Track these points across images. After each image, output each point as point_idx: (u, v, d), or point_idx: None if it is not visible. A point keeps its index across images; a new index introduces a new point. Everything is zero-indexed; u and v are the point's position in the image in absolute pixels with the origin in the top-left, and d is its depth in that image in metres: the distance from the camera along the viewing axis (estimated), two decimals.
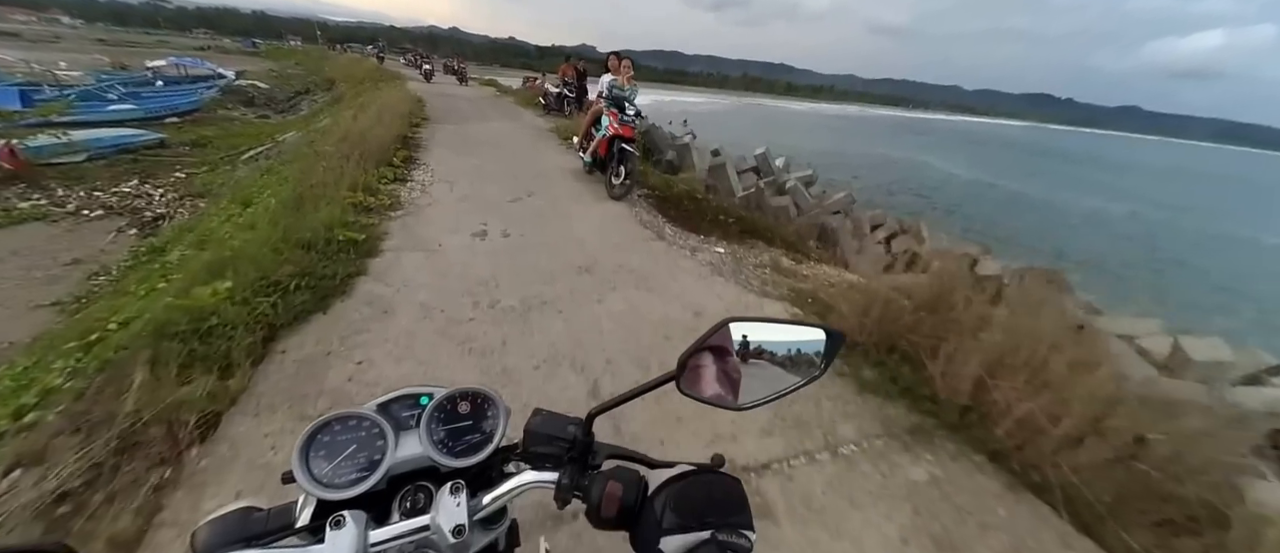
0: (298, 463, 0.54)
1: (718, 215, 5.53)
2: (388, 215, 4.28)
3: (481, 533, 0.56)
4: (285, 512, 0.57)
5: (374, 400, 0.62)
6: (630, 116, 5.63)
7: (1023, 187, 31.91)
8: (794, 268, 4.51)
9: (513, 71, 61.36)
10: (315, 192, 4.26)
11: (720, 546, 0.46)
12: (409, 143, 7.25)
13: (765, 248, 5.06)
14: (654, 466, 0.58)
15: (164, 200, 7.31)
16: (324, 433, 0.57)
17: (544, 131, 10.27)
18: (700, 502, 0.50)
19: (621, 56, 6.23)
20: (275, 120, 17.62)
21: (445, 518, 0.51)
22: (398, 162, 5.89)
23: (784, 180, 12.34)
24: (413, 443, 0.59)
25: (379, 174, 5.22)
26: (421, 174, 5.74)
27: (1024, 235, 16.63)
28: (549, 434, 0.59)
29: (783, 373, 0.58)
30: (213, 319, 2.32)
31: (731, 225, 5.36)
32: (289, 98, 23.20)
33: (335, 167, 4.95)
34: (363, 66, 24.56)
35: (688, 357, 0.56)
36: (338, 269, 3.02)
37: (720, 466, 0.55)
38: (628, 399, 0.56)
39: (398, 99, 9.85)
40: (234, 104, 19.60)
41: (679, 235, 4.83)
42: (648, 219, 5.15)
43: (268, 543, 0.52)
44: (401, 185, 5.21)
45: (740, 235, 5.20)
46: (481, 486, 0.57)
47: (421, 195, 4.96)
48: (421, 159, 6.44)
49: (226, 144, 12.01)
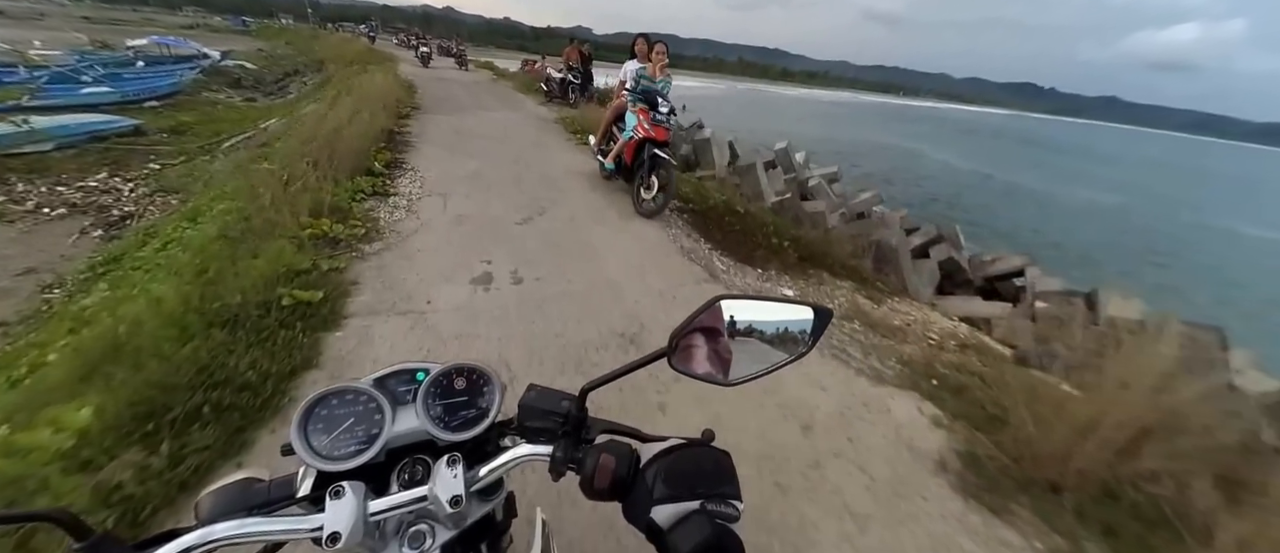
0: (296, 435, 0.54)
1: (769, 236, 4.54)
2: (360, 251, 3.26)
3: (478, 504, 0.58)
4: (287, 483, 0.57)
5: (371, 375, 0.61)
6: (664, 116, 4.59)
7: (1018, 178, 31.92)
8: (881, 316, 3.54)
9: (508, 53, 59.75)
10: (267, 216, 3.26)
11: (709, 514, 0.48)
12: (395, 140, 6.19)
13: (831, 280, 4.10)
14: (646, 439, 0.59)
15: (133, 196, 6.72)
16: (321, 407, 0.57)
17: (549, 123, 9.18)
18: (690, 473, 0.51)
19: (651, 40, 5.16)
20: (262, 104, 16.68)
21: (443, 489, 0.52)
22: (380, 167, 4.84)
23: (806, 178, 11.34)
24: (409, 417, 0.59)
25: (354, 187, 4.18)
26: (408, 184, 4.70)
27: (1039, 235, 16.30)
28: (544, 409, 0.59)
29: (772, 350, 0.59)
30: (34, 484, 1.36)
31: (786, 250, 4.37)
32: (278, 79, 22.23)
33: (299, 177, 3.94)
34: (353, 47, 23.22)
35: (679, 334, 0.56)
36: (273, 365, 2.00)
37: (710, 440, 0.56)
38: (620, 375, 0.56)
39: (385, 86, 8.73)
40: (220, 86, 18.72)
41: (734, 270, 3.84)
42: (690, 246, 4.15)
43: (271, 512, 0.52)
44: (382, 201, 4.17)
45: (800, 265, 4.22)
46: (478, 459, 0.57)
47: (407, 217, 3.93)
48: (409, 162, 5.39)
49: (207, 131, 11.28)
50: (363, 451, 0.56)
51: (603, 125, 5.37)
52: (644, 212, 4.62)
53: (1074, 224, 19.92)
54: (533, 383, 0.63)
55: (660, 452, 0.53)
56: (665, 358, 0.56)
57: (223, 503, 0.53)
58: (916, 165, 30.92)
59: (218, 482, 0.55)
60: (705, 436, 0.56)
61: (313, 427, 0.56)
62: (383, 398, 0.58)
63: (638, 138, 4.58)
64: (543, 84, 12.31)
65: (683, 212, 4.91)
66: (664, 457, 0.53)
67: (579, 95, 11.64)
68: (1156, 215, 24.99)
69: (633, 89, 4.87)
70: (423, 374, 0.62)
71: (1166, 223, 23.01)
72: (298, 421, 0.55)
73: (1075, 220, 20.92)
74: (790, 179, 10.26)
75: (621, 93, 5.41)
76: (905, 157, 34.32)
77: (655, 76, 4.76)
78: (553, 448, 0.56)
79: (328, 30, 42.99)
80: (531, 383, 0.63)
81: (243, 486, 0.55)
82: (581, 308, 2.87)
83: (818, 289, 3.84)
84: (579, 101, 11.54)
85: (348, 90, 9.04)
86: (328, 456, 0.55)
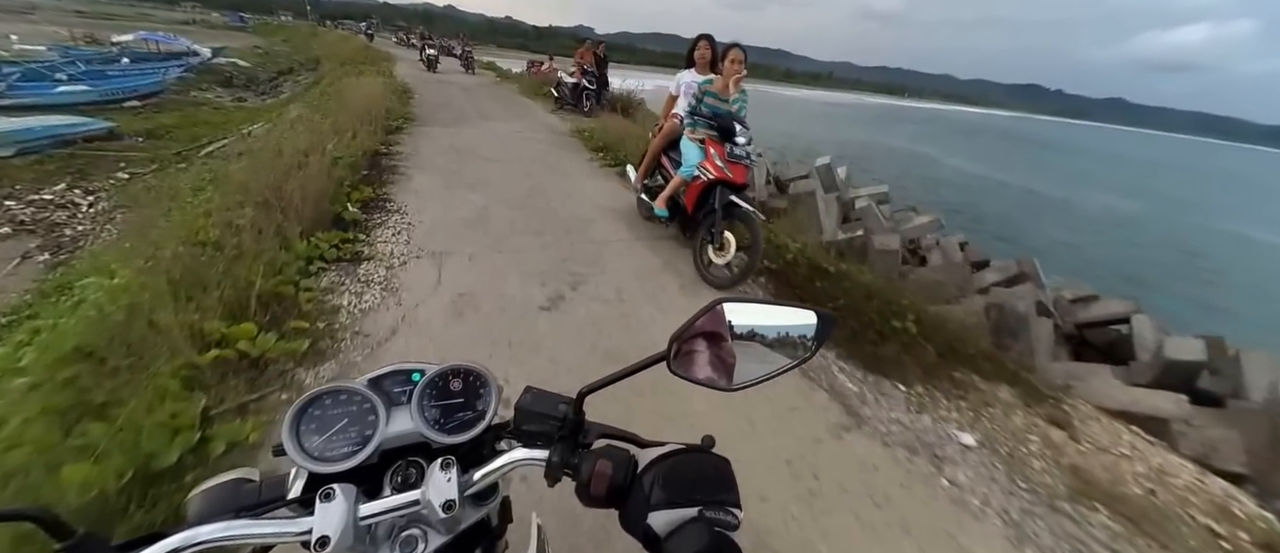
0: (288, 436, 0.53)
1: (882, 311, 3.30)
2: (293, 388, 2.02)
3: (472, 509, 0.56)
4: (278, 483, 0.55)
5: (365, 375, 0.59)
6: (743, 149, 3.35)
7: (1033, 183, 31.07)
8: (1102, 481, 2.29)
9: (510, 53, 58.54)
10: (159, 316, 2.02)
11: (708, 522, 0.46)
12: (380, 166, 4.93)
13: (986, 387, 2.87)
14: (644, 445, 0.57)
15: (91, 212, 5.93)
16: (314, 407, 0.55)
17: (564, 138, 7.93)
18: (689, 480, 0.49)
19: (715, 43, 3.92)
20: (252, 104, 15.61)
21: (436, 493, 0.50)
22: (354, 211, 3.59)
23: (852, 198, 10.08)
24: (404, 419, 0.58)
25: (311, 250, 2.93)
26: (391, 237, 3.43)
27: (1072, 250, 15.15)
28: (540, 412, 0.57)
29: (773, 355, 0.58)
30: None
31: (916, 338, 3.14)
32: (271, 78, 21.23)
33: (233, 237, 2.70)
34: (350, 46, 22.00)
35: (678, 337, 0.55)
36: None
37: (711, 446, 0.54)
38: (618, 379, 0.54)
39: (375, 93, 7.48)
40: (209, 85, 17.72)
41: (870, 389, 2.58)
42: None
43: (259, 514, 0.51)
44: (351, 272, 2.89)
45: (939, 363, 2.98)
46: (473, 462, 0.56)
47: (382, 302, 2.66)
48: (395, 199, 4.13)
49: (187, 135, 10.36)
50: (355, 452, 0.55)
51: (648, 154, 4.10)
52: (715, 280, 3.36)
53: (1101, 235, 18.98)
54: (530, 385, 0.61)
55: (658, 457, 0.52)
56: (664, 362, 0.55)
57: (212, 503, 0.51)
58: (929, 170, 29.81)
59: (210, 481, 0.54)
60: (705, 441, 0.55)
61: (305, 427, 0.55)
62: (377, 399, 0.57)
63: (707, 179, 3.33)
64: (553, 89, 11.06)
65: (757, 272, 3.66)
66: (662, 462, 0.51)
67: (595, 102, 10.40)
68: (1180, 223, 24.04)
69: (692, 111, 3.63)
70: (418, 375, 0.60)
71: (1195, 232, 21.89)
72: (289, 420, 0.53)
73: (1100, 230, 19.98)
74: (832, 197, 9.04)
75: (672, 113, 4.16)
76: (916, 161, 33.13)
77: (726, 94, 3.51)
78: (549, 453, 0.54)
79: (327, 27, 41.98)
80: (529, 385, 0.61)
81: (234, 486, 0.54)
82: None
83: (982, 411, 2.59)
84: (595, 110, 10.29)
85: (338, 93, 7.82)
86: (320, 456, 0.54)
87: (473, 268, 3.15)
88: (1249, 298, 13.07)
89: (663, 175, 4.07)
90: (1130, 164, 63.20)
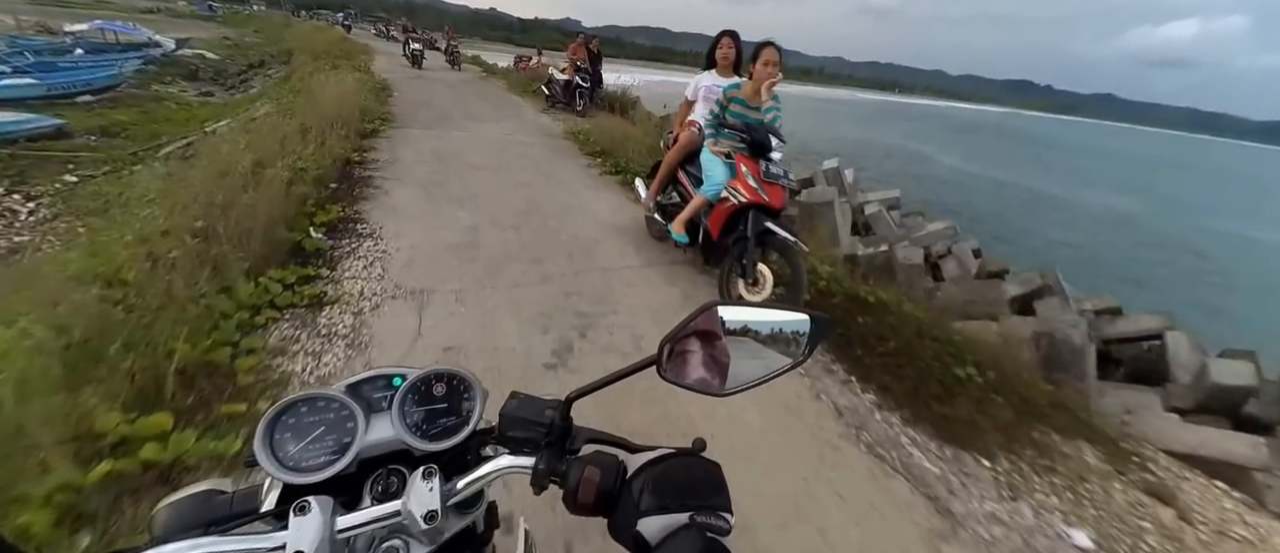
0: (261, 445, 0.50)
1: (948, 361, 2.87)
2: None
3: (456, 518, 0.55)
4: (251, 495, 0.53)
5: (343, 381, 0.57)
6: (779, 169, 2.86)
7: (1029, 181, 31.05)
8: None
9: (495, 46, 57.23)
10: (30, 409, 1.48)
11: (699, 527, 0.45)
12: (352, 178, 4.34)
13: (1073, 452, 2.46)
14: (634, 450, 0.56)
15: (32, 220, 5.44)
16: (289, 414, 0.53)
17: (558, 141, 7.37)
18: (679, 485, 0.48)
19: (740, 42, 3.43)
20: (220, 99, 14.70)
21: (417, 503, 0.48)
22: (318, 237, 3.02)
23: (862, 203, 9.69)
24: (385, 426, 0.55)
25: (257, 295, 2.36)
26: (361, 270, 2.86)
27: (1074, 251, 15.05)
28: (526, 418, 0.55)
29: (766, 359, 0.57)
30: None
31: (984, 390, 2.71)
32: (241, 71, 20.13)
33: (162, 276, 2.13)
34: (325, 38, 20.96)
35: (669, 341, 0.54)
36: None
37: (702, 450, 0.53)
38: (606, 384, 0.53)
39: (350, 90, 6.84)
40: (173, 78, 16.64)
41: (955, 474, 2.11)
42: (848, 403, 2.44)
43: (229, 529, 0.49)
44: (308, 322, 2.32)
45: (1016, 420, 2.56)
46: (457, 469, 0.54)
47: (348, 364, 2.09)
48: (368, 219, 3.56)
49: (145, 133, 9.56)
50: (333, 461, 0.52)
51: (662, 167, 3.58)
52: None
53: (1099, 235, 18.84)
54: (516, 390, 0.59)
55: (648, 462, 0.50)
56: (655, 367, 0.54)
57: (179, 517, 0.49)
58: (925, 169, 29.58)
59: (178, 493, 0.52)
60: (696, 445, 0.54)
61: (279, 436, 0.52)
62: (356, 405, 0.54)
63: (739, 201, 2.83)
64: (544, 87, 10.46)
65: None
66: (652, 467, 0.49)
67: (588, 101, 9.83)
68: (1180, 223, 24.05)
69: (715, 120, 3.13)
70: (400, 380, 0.58)
71: (1195, 233, 21.86)
72: (262, 429, 0.51)
73: (1098, 229, 19.84)
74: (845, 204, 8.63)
75: (688, 120, 3.66)
76: (911, 159, 32.92)
77: (757, 100, 3.02)
78: (535, 460, 0.52)
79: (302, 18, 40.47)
80: (515, 390, 0.60)
81: (204, 498, 0.52)
82: None
83: (1085, 496, 2.16)
84: (589, 109, 9.74)
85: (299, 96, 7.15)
86: (295, 467, 0.51)
87: (460, 311, 2.62)
88: (1251, 300, 12.98)
89: (679, 192, 3.57)
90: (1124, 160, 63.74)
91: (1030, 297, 6.73)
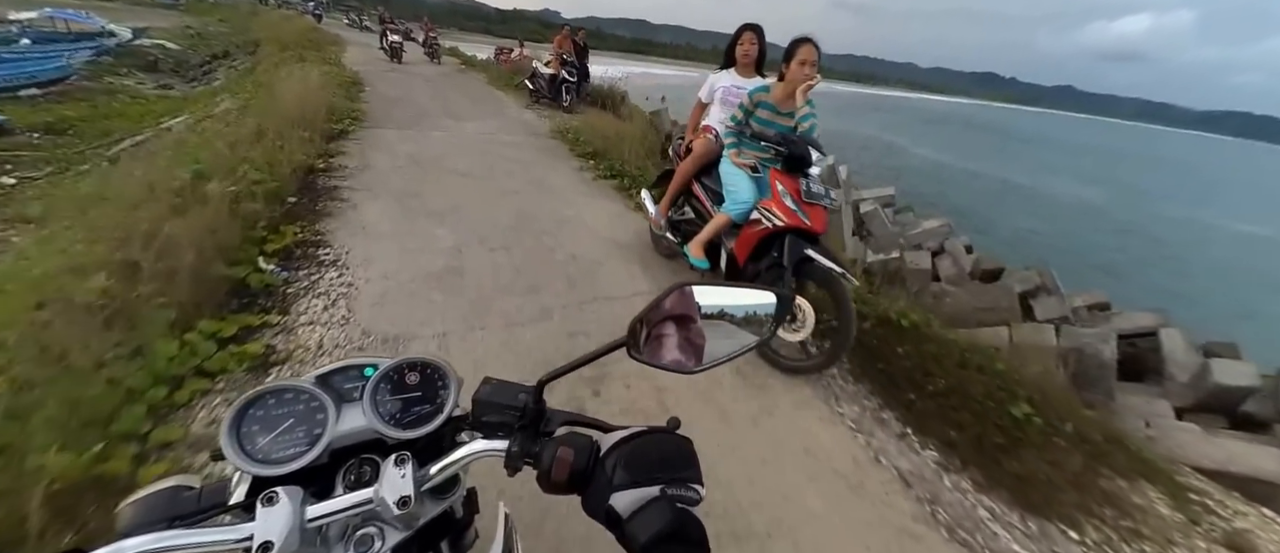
0: (226, 438, 0.50)
1: (1001, 398, 2.51)
2: None
3: (432, 503, 0.55)
4: (219, 490, 0.52)
5: (312, 372, 0.56)
6: (821, 187, 2.44)
7: (1000, 172, 31.70)
8: None
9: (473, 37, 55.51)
10: None
11: (670, 499, 0.45)
12: (315, 189, 3.80)
13: (1144, 502, 2.14)
14: (608, 430, 0.55)
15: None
16: (256, 407, 0.52)
17: (546, 140, 6.85)
18: (651, 460, 0.48)
19: (764, 38, 2.98)
20: (179, 92, 13.80)
21: (390, 490, 0.48)
22: (268, 270, 2.51)
23: (857, 201, 9.36)
24: (356, 415, 0.55)
25: (181, 359, 1.85)
26: (320, 317, 2.33)
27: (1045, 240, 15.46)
28: (499, 403, 0.56)
29: (732, 336, 0.57)
30: None
31: (1038, 429, 2.37)
32: (204, 63, 18.99)
33: (52, 351, 1.63)
34: (294, 28, 19.85)
35: (638, 322, 0.54)
36: None
37: (676, 427, 0.53)
38: (578, 366, 0.54)
39: (316, 85, 6.22)
40: (129, 69, 15.55)
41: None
42: (911, 467, 2.05)
43: (196, 522, 0.48)
44: (248, 387, 1.90)
45: (1085, 471, 2.22)
46: (432, 456, 0.54)
47: None
48: (333, 241, 3.04)
49: (96, 130, 8.91)
50: (304, 452, 0.52)
51: (675, 180, 3.13)
52: (786, 363, 2.46)
53: (1072, 224, 19.30)
54: (488, 376, 0.59)
55: (620, 440, 0.50)
56: (625, 348, 0.54)
57: (144, 513, 0.48)
58: (899, 160, 29.76)
59: (143, 490, 0.50)
60: (671, 423, 0.54)
61: (247, 429, 0.51)
62: (325, 396, 0.54)
63: (774, 225, 2.40)
64: (528, 81, 9.89)
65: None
66: (624, 445, 0.50)
67: (575, 96, 9.31)
68: (1141, 211, 24.99)
69: (739, 126, 2.69)
70: (372, 370, 0.57)
71: (1155, 221, 22.74)
72: (228, 422, 0.50)
73: (1069, 219, 20.34)
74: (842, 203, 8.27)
75: (703, 126, 3.20)
76: (885, 151, 33.08)
77: (789, 106, 2.58)
78: (509, 442, 0.53)
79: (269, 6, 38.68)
80: (487, 376, 0.59)
81: (170, 494, 0.50)
82: None
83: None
84: (576, 105, 9.21)
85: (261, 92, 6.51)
86: (265, 459, 0.51)
87: None
88: (1207, 283, 13.51)
89: (693, 207, 3.13)
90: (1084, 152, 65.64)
91: (1027, 295, 6.56)
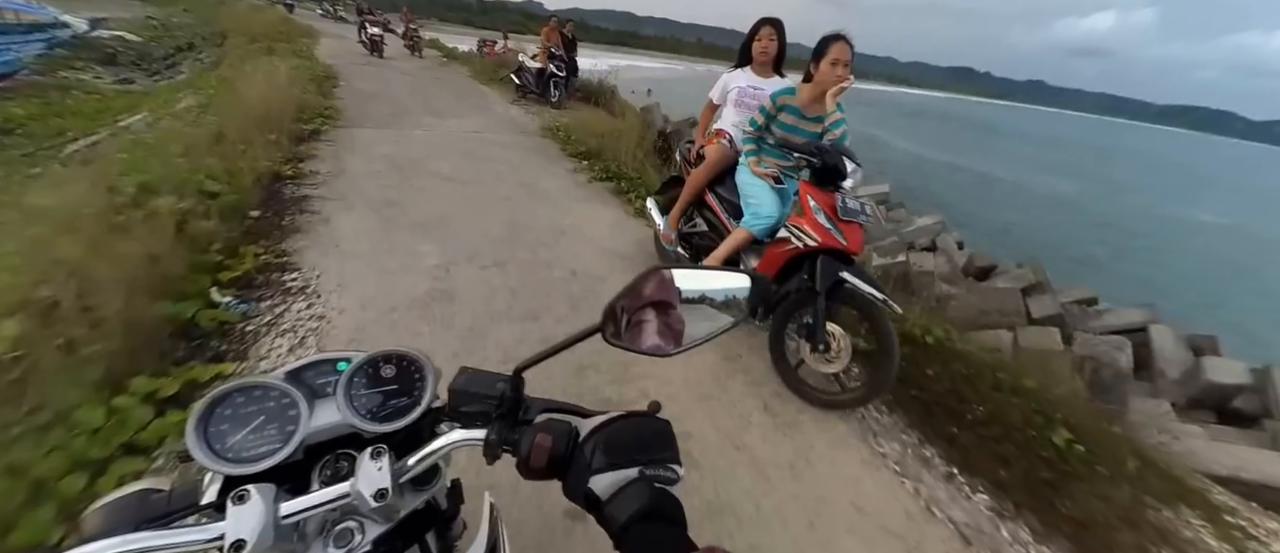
0: (193, 437, 0.48)
1: (1040, 426, 2.30)
2: None
3: (412, 495, 0.54)
4: (190, 491, 0.50)
5: (283, 368, 0.55)
6: (858, 202, 2.17)
7: (983, 166, 32.04)
8: None
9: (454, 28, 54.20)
10: None
11: (648, 479, 0.46)
12: (282, 199, 3.41)
13: (1193, 536, 1.95)
14: (587, 415, 0.55)
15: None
16: (224, 405, 0.50)
17: (535, 139, 6.48)
18: (629, 442, 0.49)
19: (784, 34, 2.70)
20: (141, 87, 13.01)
21: (366, 483, 0.47)
22: (223, 300, 2.16)
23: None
24: (330, 411, 0.54)
25: (108, 430, 1.51)
26: (284, 361, 2.05)
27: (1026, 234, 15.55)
28: (477, 393, 0.55)
29: (708, 319, 0.57)
30: None
31: (1080, 457, 2.17)
32: (167, 55, 18.06)
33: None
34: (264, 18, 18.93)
35: (613, 306, 0.54)
36: None
37: (656, 410, 0.54)
38: (554, 353, 0.53)
39: (285, 81, 5.76)
40: (86, 63, 14.70)
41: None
42: (969, 521, 1.81)
43: (165, 524, 0.47)
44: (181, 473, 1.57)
45: (1133, 504, 2.03)
46: (411, 449, 0.53)
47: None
48: (300, 263, 2.67)
49: (47, 129, 8.34)
50: (276, 450, 0.50)
51: (687, 189, 2.82)
52: (815, 396, 2.19)
53: (1052, 218, 19.54)
54: (465, 366, 0.59)
55: (599, 425, 0.51)
56: (599, 334, 0.53)
57: (111, 517, 0.47)
58: (883, 154, 29.85)
59: (110, 494, 0.49)
60: (651, 407, 0.55)
61: (215, 428, 0.50)
62: (297, 392, 0.52)
63: (806, 244, 2.12)
64: (514, 75, 9.47)
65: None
66: (603, 429, 0.50)
67: (564, 92, 8.92)
68: (1116, 203, 25.51)
69: (759, 132, 2.40)
70: (345, 364, 0.56)
71: (1130, 213, 23.20)
72: (194, 422, 0.48)
73: (1049, 213, 20.61)
74: None
75: (715, 133, 2.90)
76: (867, 144, 33.49)
77: (817, 110, 2.30)
78: (487, 431, 0.52)
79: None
80: (464, 366, 0.59)
81: (139, 498, 0.49)
82: None
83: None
84: (565, 100, 8.84)
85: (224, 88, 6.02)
86: (235, 457, 0.49)
87: None
88: (1179, 272, 13.80)
89: (705, 218, 2.84)
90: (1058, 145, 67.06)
91: (1022, 293, 6.45)
